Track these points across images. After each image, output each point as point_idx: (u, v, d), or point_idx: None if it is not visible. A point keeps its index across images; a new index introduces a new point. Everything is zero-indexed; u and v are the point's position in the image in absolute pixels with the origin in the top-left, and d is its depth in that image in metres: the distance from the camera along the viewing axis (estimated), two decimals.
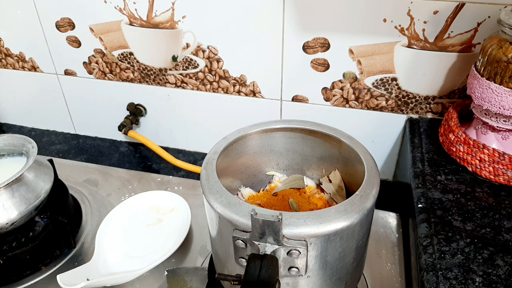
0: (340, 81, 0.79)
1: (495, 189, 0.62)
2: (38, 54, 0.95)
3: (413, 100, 0.77)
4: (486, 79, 0.60)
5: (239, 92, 0.86)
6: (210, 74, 0.86)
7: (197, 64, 0.85)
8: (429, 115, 0.79)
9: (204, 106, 0.91)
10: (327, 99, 0.82)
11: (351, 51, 0.75)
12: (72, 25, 0.88)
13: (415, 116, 0.79)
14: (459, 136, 0.66)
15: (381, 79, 0.77)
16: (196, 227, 0.75)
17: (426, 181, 0.64)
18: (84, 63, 0.93)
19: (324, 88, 0.81)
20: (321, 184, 0.63)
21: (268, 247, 0.43)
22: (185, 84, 0.89)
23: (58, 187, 0.77)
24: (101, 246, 0.70)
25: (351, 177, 0.59)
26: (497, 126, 0.63)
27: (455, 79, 0.73)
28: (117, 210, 0.76)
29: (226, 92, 0.87)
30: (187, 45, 0.83)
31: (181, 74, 0.88)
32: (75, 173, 0.89)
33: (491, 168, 0.63)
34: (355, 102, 0.81)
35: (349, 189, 0.60)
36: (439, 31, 0.69)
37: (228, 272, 0.52)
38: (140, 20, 0.83)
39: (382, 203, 0.75)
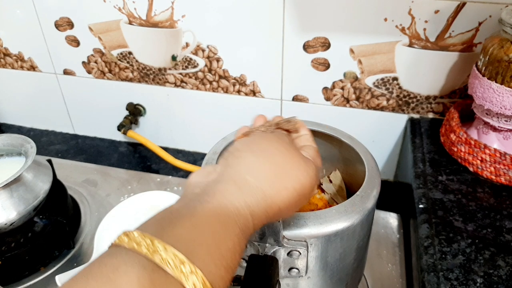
0: (340, 80, 0.79)
1: (496, 189, 0.62)
2: (37, 54, 0.95)
3: (414, 99, 0.77)
4: (488, 78, 0.60)
5: (239, 91, 0.86)
6: (209, 74, 0.85)
7: (197, 64, 0.85)
8: (430, 115, 0.78)
9: (204, 106, 0.90)
10: (327, 99, 0.82)
11: (351, 51, 0.75)
12: (71, 25, 0.88)
13: (416, 116, 0.79)
14: (460, 136, 0.65)
15: (382, 79, 0.76)
16: None
17: (427, 181, 0.63)
18: (83, 62, 0.93)
19: (325, 88, 0.80)
20: (322, 184, 0.62)
21: (268, 248, 0.43)
22: (184, 84, 0.88)
23: (57, 187, 0.77)
24: (100, 247, 0.69)
25: (351, 177, 0.59)
26: (499, 126, 0.63)
27: (456, 79, 0.73)
28: (116, 211, 0.76)
29: (226, 92, 0.87)
30: (187, 45, 0.83)
31: (180, 73, 0.87)
32: (74, 173, 0.89)
33: (492, 169, 0.62)
34: (356, 102, 0.80)
35: (349, 189, 0.60)
36: (440, 30, 0.69)
37: None
38: (140, 19, 0.82)
39: (383, 203, 0.74)
